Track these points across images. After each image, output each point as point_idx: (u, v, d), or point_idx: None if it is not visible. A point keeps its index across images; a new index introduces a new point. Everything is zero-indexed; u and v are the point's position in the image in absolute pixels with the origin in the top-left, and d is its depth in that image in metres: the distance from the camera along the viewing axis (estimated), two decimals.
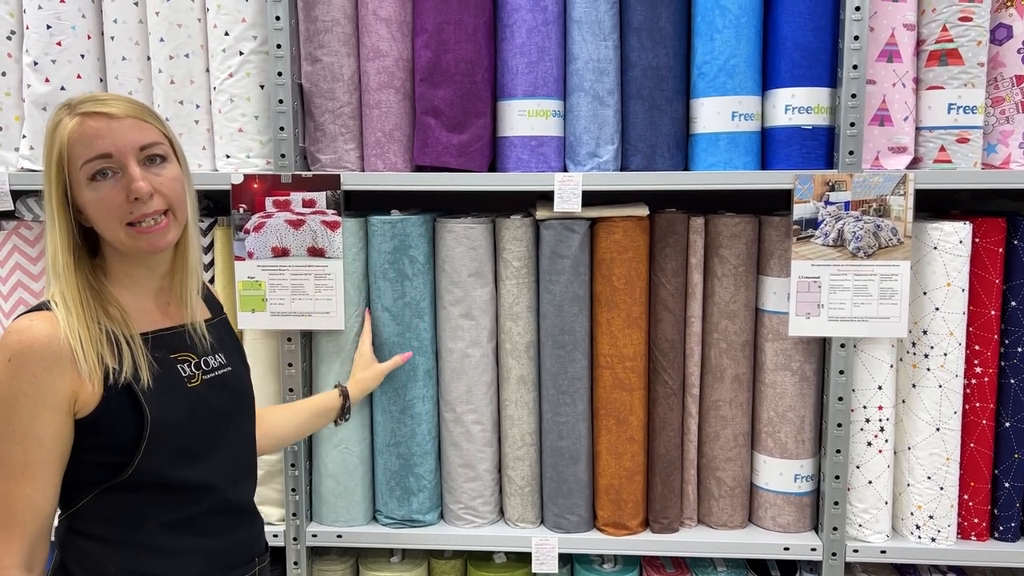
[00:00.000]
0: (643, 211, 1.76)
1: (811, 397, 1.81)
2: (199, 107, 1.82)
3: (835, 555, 1.78)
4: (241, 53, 1.76)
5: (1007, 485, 1.77)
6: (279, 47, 1.73)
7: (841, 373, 1.74)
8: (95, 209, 1.18)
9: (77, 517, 1.21)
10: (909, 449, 1.77)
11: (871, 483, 1.77)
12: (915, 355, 1.75)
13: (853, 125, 1.67)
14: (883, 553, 1.77)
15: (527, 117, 1.76)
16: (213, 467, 1.26)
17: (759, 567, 1.96)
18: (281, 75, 1.74)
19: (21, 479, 1.13)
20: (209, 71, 1.81)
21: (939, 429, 1.73)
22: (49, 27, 1.77)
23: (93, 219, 1.19)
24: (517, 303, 1.81)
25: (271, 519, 1.87)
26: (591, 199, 1.74)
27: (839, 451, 1.75)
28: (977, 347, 1.74)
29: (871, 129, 1.70)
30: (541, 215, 1.76)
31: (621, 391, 1.79)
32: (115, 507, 1.20)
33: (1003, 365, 1.75)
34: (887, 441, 1.76)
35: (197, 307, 1.32)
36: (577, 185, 1.72)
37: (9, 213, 1.86)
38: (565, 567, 1.93)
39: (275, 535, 1.85)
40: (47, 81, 1.79)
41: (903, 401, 1.78)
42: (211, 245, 1.86)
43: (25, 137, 1.82)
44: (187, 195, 1.26)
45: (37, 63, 1.78)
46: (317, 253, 1.77)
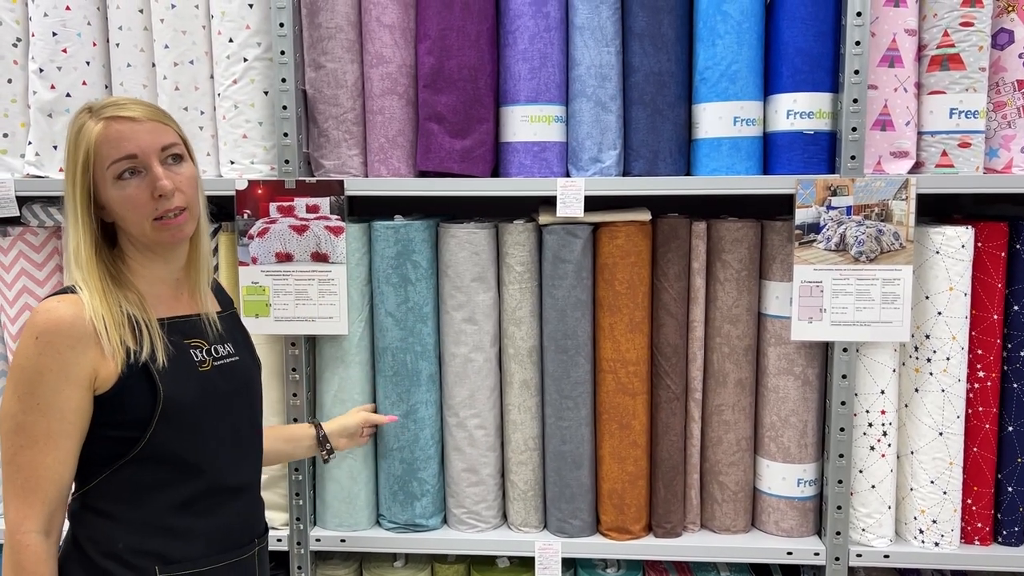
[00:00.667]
0: (645, 216, 1.76)
1: (814, 401, 1.81)
2: (203, 113, 1.84)
3: (838, 559, 1.78)
4: (245, 60, 1.77)
5: (1010, 489, 1.77)
6: (283, 53, 1.74)
7: (844, 377, 1.74)
8: (122, 206, 1.27)
9: (90, 494, 1.29)
10: (912, 453, 1.77)
11: (874, 487, 1.77)
12: (918, 359, 1.75)
13: (855, 130, 1.68)
14: (886, 557, 1.77)
15: (530, 123, 1.77)
16: (216, 447, 1.34)
17: (762, 572, 1.97)
18: (285, 81, 1.75)
19: (44, 449, 1.21)
20: (213, 77, 1.82)
21: (942, 433, 1.73)
22: (55, 34, 1.78)
23: (119, 215, 1.29)
24: (520, 308, 1.82)
25: (275, 523, 1.87)
26: (593, 204, 1.74)
27: (842, 455, 1.76)
28: (980, 351, 1.74)
29: (873, 134, 1.71)
30: (544, 220, 1.77)
31: (624, 395, 1.79)
32: (125, 485, 1.28)
33: (1006, 369, 1.75)
34: (890, 445, 1.76)
35: (208, 298, 1.42)
36: (580, 190, 1.72)
37: (15, 219, 1.87)
38: (568, 572, 1.93)
39: (279, 539, 1.86)
40: (53, 88, 1.80)
41: (906, 405, 1.78)
42: (215, 250, 1.87)
43: (31, 143, 1.83)
44: (200, 190, 1.36)
45: (43, 70, 1.79)
46: (321, 258, 1.78)
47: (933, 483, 1.75)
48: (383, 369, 1.84)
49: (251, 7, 1.76)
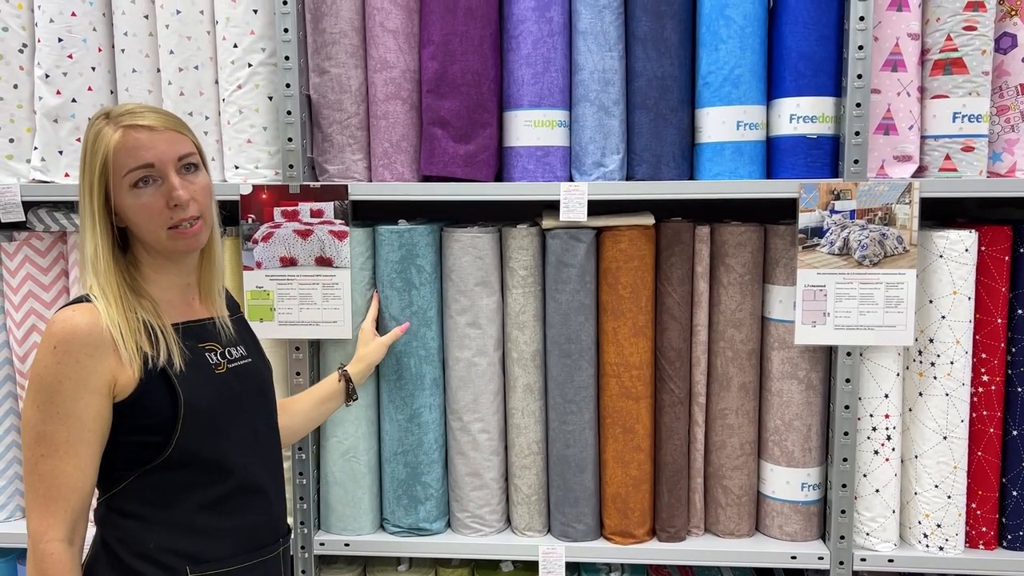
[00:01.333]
0: (649, 220, 1.77)
1: (817, 405, 1.81)
2: (208, 118, 1.84)
3: (842, 564, 1.78)
4: (250, 65, 1.78)
5: (1015, 494, 1.76)
6: (287, 59, 1.75)
7: (847, 381, 1.74)
8: (137, 214, 1.28)
9: (116, 497, 1.30)
10: (916, 457, 1.77)
11: (878, 491, 1.76)
12: (921, 363, 1.75)
13: (858, 134, 1.68)
14: (890, 562, 1.77)
15: (533, 127, 1.77)
16: (238, 448, 1.35)
17: None
18: (289, 87, 1.76)
19: (64, 457, 1.22)
20: (218, 83, 1.83)
21: (946, 437, 1.73)
22: (60, 40, 1.79)
23: (134, 222, 1.29)
24: (523, 312, 1.82)
25: None
26: (597, 208, 1.75)
27: (846, 459, 1.75)
28: (984, 355, 1.73)
29: (876, 138, 1.71)
30: (547, 224, 1.77)
31: (627, 400, 1.79)
32: (153, 488, 1.28)
33: (1010, 373, 1.75)
34: (894, 450, 1.76)
35: (221, 302, 1.44)
36: (583, 194, 1.72)
37: (20, 224, 1.88)
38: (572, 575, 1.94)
39: None
40: (58, 93, 1.81)
41: (910, 409, 1.78)
42: None
43: (36, 148, 1.84)
44: (213, 200, 1.37)
45: (49, 76, 1.80)
46: (325, 263, 1.78)
47: (937, 487, 1.75)
48: (387, 373, 1.84)
49: (255, 13, 1.77)
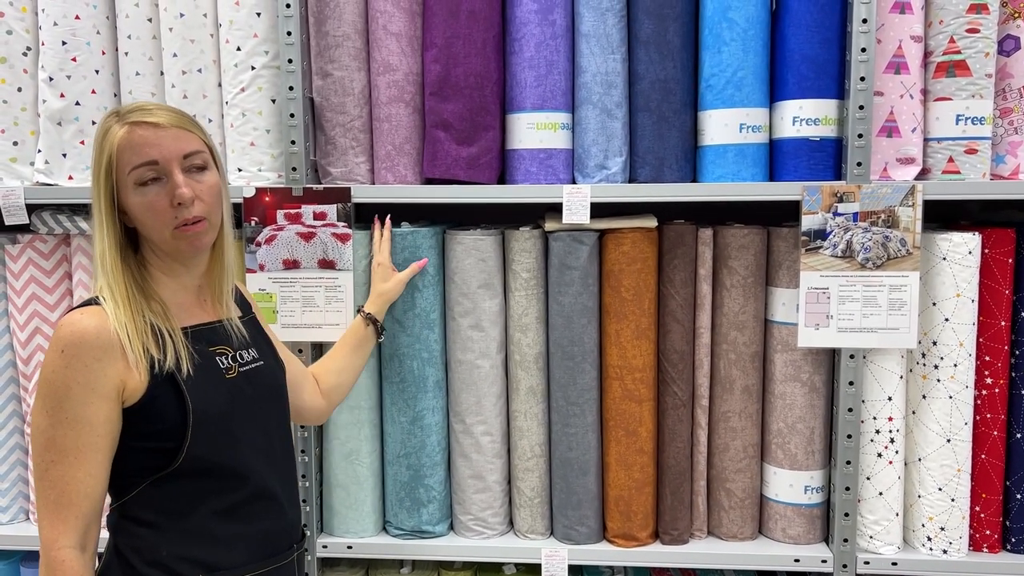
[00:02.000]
0: (651, 223, 1.77)
1: (820, 408, 1.80)
2: (211, 121, 1.84)
3: (846, 567, 1.77)
4: (253, 68, 1.78)
5: (1019, 496, 1.76)
6: (290, 62, 1.75)
7: (851, 384, 1.74)
8: (141, 212, 1.26)
9: (129, 504, 1.28)
10: (920, 460, 1.76)
11: (881, 494, 1.76)
12: (925, 366, 1.75)
13: (861, 136, 1.68)
14: (894, 565, 1.76)
15: (536, 130, 1.77)
16: (251, 453, 1.33)
17: None
18: (292, 89, 1.76)
19: (74, 463, 1.20)
20: (221, 86, 1.83)
21: (950, 440, 1.73)
22: (64, 43, 1.80)
23: (139, 221, 1.28)
24: (526, 314, 1.82)
25: None
26: (599, 211, 1.75)
27: (849, 462, 1.75)
28: (987, 358, 1.73)
29: (879, 140, 1.71)
30: (550, 227, 1.77)
31: (630, 402, 1.79)
32: (166, 495, 1.27)
33: (1014, 376, 1.74)
34: (897, 452, 1.76)
35: (231, 304, 1.42)
36: (586, 197, 1.73)
37: (24, 227, 1.88)
38: None
39: None
40: (62, 96, 1.81)
41: (913, 412, 1.78)
42: None
43: (40, 152, 1.84)
44: (224, 200, 1.35)
45: (52, 79, 1.81)
46: (328, 265, 1.79)
47: (941, 490, 1.74)
48: (390, 375, 1.84)
49: (259, 16, 1.77)
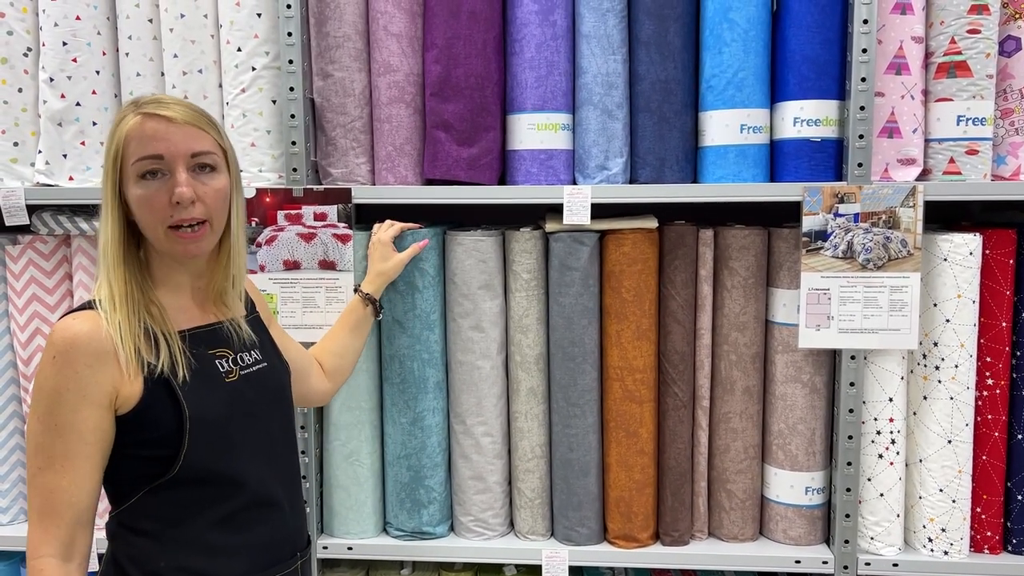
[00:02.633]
0: (652, 223, 1.77)
1: (821, 409, 1.80)
2: None
3: (847, 568, 1.77)
4: (254, 68, 1.78)
5: (1020, 498, 1.76)
6: (291, 63, 1.75)
7: (851, 385, 1.73)
8: (139, 206, 1.23)
9: (127, 513, 1.25)
10: (921, 461, 1.76)
11: (882, 496, 1.76)
12: (926, 367, 1.75)
13: (862, 137, 1.68)
14: (895, 566, 1.76)
15: (536, 130, 1.77)
16: (251, 459, 1.29)
17: None
18: (293, 90, 1.76)
19: (60, 471, 1.18)
20: (222, 86, 1.83)
21: (951, 441, 1.73)
22: (65, 44, 1.80)
23: (137, 215, 1.24)
24: (527, 315, 1.82)
25: None
26: (600, 212, 1.75)
27: (850, 463, 1.75)
28: (988, 359, 1.73)
29: (880, 141, 1.71)
30: (550, 228, 1.77)
31: (631, 403, 1.79)
32: (164, 504, 1.24)
33: (1015, 377, 1.74)
34: (898, 453, 1.76)
35: (235, 305, 1.37)
36: (586, 198, 1.72)
37: (25, 227, 1.88)
38: None
39: None
40: (63, 97, 1.81)
41: (914, 413, 1.77)
42: None
43: (41, 152, 1.84)
44: (234, 203, 1.31)
45: (53, 79, 1.81)
46: (328, 266, 1.78)
47: (942, 491, 1.74)
48: (390, 376, 1.84)
49: (259, 16, 1.77)
